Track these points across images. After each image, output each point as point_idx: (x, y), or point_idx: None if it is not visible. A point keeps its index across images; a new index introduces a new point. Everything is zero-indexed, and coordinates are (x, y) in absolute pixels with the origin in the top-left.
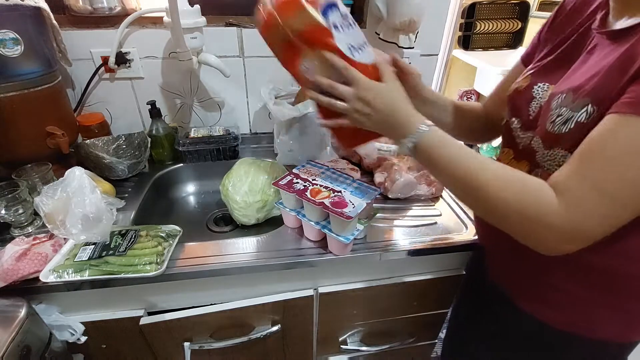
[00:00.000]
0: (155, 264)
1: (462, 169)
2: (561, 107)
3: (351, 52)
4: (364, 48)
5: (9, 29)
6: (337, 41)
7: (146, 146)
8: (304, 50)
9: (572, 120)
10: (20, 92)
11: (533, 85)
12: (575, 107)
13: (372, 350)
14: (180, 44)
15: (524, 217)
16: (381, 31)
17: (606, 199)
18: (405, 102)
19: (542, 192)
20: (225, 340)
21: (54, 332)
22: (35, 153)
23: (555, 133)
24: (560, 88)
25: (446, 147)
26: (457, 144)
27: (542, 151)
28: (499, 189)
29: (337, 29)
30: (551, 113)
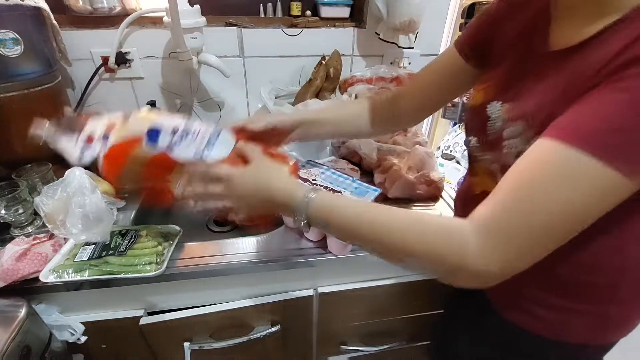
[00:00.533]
0: (155, 264)
1: (363, 228)
2: (513, 139)
3: (200, 156)
4: (214, 143)
5: (9, 29)
6: (180, 156)
7: None
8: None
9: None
10: (20, 92)
11: (487, 103)
12: (525, 141)
13: (372, 350)
14: (180, 44)
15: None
16: (381, 31)
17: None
18: (275, 176)
19: (452, 231)
20: (225, 340)
21: (54, 332)
22: (35, 153)
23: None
24: (513, 115)
25: (336, 211)
26: (349, 202)
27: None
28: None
29: (173, 148)
30: (504, 144)
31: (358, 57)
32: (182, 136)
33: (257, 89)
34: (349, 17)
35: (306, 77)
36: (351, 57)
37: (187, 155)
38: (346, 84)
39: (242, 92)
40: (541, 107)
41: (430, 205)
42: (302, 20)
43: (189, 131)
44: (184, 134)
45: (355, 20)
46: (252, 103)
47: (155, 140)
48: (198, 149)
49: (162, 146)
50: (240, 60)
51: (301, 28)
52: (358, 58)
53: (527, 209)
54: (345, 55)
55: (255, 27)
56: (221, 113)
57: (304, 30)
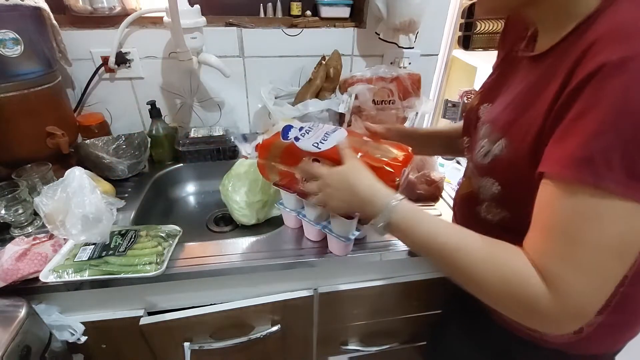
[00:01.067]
0: (155, 264)
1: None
2: (484, 139)
3: (317, 146)
4: (327, 137)
5: (9, 29)
6: (302, 146)
7: (146, 146)
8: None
9: (490, 153)
10: (20, 92)
11: (480, 105)
12: (492, 141)
13: (372, 350)
14: (180, 44)
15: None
16: (381, 31)
17: (589, 271)
18: (366, 178)
19: (530, 282)
20: (225, 340)
21: (54, 332)
22: (35, 153)
23: (480, 163)
24: (486, 116)
25: (419, 224)
26: (431, 218)
27: (476, 177)
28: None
29: (299, 139)
30: (477, 143)
31: (358, 57)
32: (306, 132)
33: (257, 89)
34: (349, 17)
35: (306, 77)
36: (351, 57)
37: (306, 145)
38: (346, 84)
39: (242, 92)
40: (506, 111)
41: (430, 205)
42: (302, 20)
43: (313, 128)
44: (308, 130)
45: (355, 20)
46: (252, 103)
47: (286, 134)
48: (315, 141)
49: (290, 138)
50: (240, 60)
51: (301, 28)
52: (358, 58)
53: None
54: (345, 55)
55: (255, 27)
56: (221, 113)
57: (304, 30)
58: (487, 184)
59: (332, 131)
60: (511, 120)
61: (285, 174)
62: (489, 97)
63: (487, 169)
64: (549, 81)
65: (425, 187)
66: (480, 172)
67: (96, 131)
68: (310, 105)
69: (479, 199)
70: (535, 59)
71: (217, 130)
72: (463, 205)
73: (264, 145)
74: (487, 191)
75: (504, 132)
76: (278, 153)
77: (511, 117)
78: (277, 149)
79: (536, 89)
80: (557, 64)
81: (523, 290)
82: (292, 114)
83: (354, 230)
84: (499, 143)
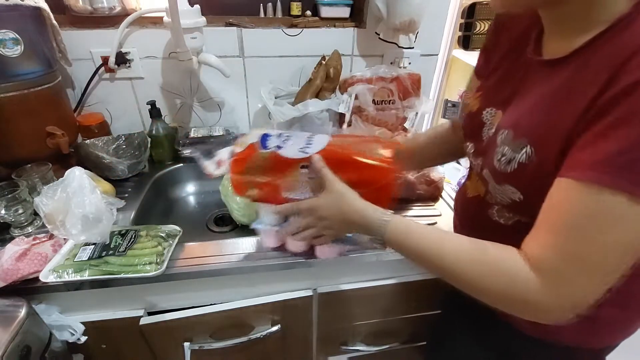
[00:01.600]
0: (155, 264)
1: (434, 258)
2: (504, 146)
3: (304, 151)
4: (312, 142)
5: (9, 29)
6: (287, 154)
7: (146, 146)
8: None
9: (514, 161)
10: (20, 92)
11: (482, 110)
12: (515, 148)
13: (372, 350)
14: (180, 44)
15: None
16: (381, 31)
17: (592, 270)
18: (355, 202)
19: (520, 277)
20: (225, 340)
21: (54, 332)
22: (35, 153)
23: (502, 171)
24: (504, 122)
25: (411, 237)
26: (422, 230)
27: (493, 183)
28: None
29: (281, 147)
30: (497, 150)
31: (358, 57)
32: (286, 139)
33: (257, 89)
34: (349, 17)
35: (306, 77)
36: (351, 57)
37: (292, 152)
38: (346, 84)
39: (242, 92)
40: (530, 116)
41: (430, 205)
42: (302, 20)
43: (292, 135)
44: (288, 138)
45: (355, 20)
46: (252, 103)
47: (266, 144)
48: (300, 147)
49: (272, 147)
50: (240, 60)
51: (301, 28)
52: (358, 58)
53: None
54: (345, 55)
55: (255, 27)
56: (221, 113)
57: (304, 30)
58: (506, 191)
59: (313, 136)
60: (538, 125)
61: (265, 185)
62: (493, 102)
63: (510, 176)
64: (580, 85)
65: (425, 187)
66: (499, 179)
67: (96, 131)
68: (310, 105)
69: (491, 203)
70: (554, 63)
71: (217, 130)
72: (470, 208)
73: (240, 159)
74: (505, 198)
75: (530, 138)
76: (259, 165)
77: (537, 122)
78: (258, 161)
79: (565, 93)
80: (587, 69)
81: (513, 285)
82: (292, 114)
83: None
84: (524, 150)
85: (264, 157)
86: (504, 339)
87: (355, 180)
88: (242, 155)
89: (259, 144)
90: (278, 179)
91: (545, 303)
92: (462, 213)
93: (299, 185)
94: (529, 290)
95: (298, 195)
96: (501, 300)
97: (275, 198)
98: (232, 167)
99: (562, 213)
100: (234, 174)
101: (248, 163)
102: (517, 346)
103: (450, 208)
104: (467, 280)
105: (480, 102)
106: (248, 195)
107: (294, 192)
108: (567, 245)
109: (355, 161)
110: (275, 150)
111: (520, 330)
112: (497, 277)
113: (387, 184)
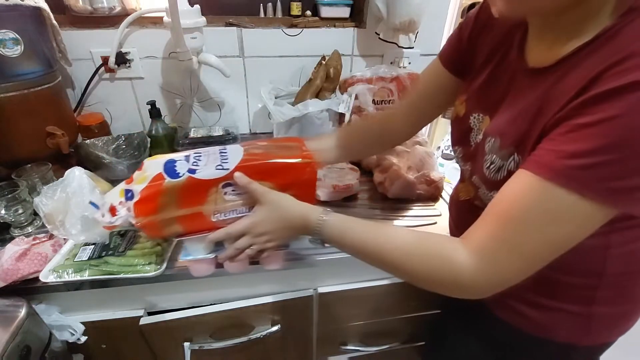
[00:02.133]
0: (154, 264)
1: (370, 249)
2: (492, 154)
3: (222, 168)
4: (226, 155)
5: (9, 29)
6: (205, 176)
7: (146, 146)
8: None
9: (503, 169)
10: (20, 92)
11: (469, 115)
12: (504, 156)
13: (372, 350)
14: (180, 44)
15: (443, 287)
16: (381, 31)
17: (523, 259)
18: (290, 207)
19: (454, 259)
20: (225, 340)
21: (54, 332)
22: (35, 153)
23: (491, 179)
24: (491, 129)
25: (348, 233)
26: (359, 225)
27: (483, 189)
28: (411, 267)
29: (195, 171)
30: (485, 158)
31: (358, 57)
32: (197, 161)
33: (257, 89)
34: (349, 17)
35: (306, 77)
36: (351, 57)
37: (210, 173)
38: (346, 84)
39: (242, 92)
40: (515, 124)
41: (430, 205)
42: (302, 20)
43: (200, 154)
44: (198, 158)
45: (355, 20)
46: (252, 103)
47: (174, 171)
48: (217, 164)
49: (183, 173)
50: (240, 60)
51: (301, 28)
52: (358, 58)
53: (516, 241)
54: (345, 55)
55: (255, 27)
56: (221, 113)
57: (304, 30)
58: None
59: (224, 149)
60: (523, 134)
61: (188, 218)
62: (479, 107)
63: (500, 184)
64: (559, 93)
65: (425, 187)
66: (490, 186)
67: (96, 131)
68: (310, 105)
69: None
70: (539, 72)
71: (217, 130)
72: (463, 210)
73: (149, 197)
74: None
75: (516, 147)
76: (173, 198)
77: (523, 130)
78: (170, 194)
79: (545, 102)
80: (568, 77)
81: (448, 269)
82: (292, 114)
83: None
84: (511, 158)
85: (176, 188)
86: (503, 337)
87: (281, 183)
88: (150, 193)
89: (163, 175)
90: (201, 205)
91: (476, 283)
92: (455, 216)
93: (226, 206)
94: (462, 272)
95: (228, 214)
96: (432, 283)
97: (202, 225)
98: (139, 210)
99: (514, 204)
100: (143, 216)
101: (160, 199)
102: (515, 344)
103: None
104: (402, 267)
105: (467, 107)
106: (169, 234)
107: (222, 213)
108: (510, 236)
109: (276, 165)
110: (189, 175)
111: (518, 328)
112: (433, 258)
113: (310, 178)
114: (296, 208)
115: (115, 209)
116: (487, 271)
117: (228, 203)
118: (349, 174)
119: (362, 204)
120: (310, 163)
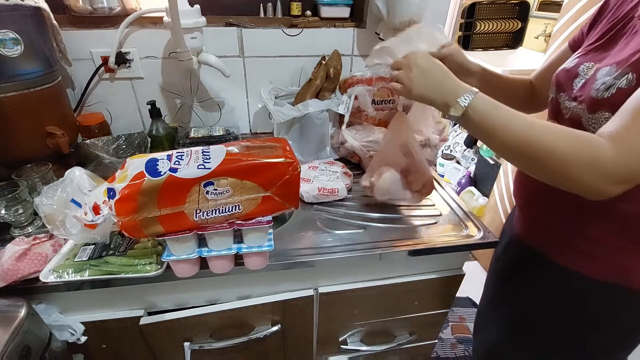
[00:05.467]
0: (155, 264)
1: (515, 129)
2: (605, 77)
3: (204, 167)
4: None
5: (9, 29)
6: (186, 174)
7: (146, 146)
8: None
9: (614, 87)
10: (20, 92)
11: (579, 65)
12: (618, 76)
13: (372, 350)
14: (180, 44)
15: (578, 163)
16: (381, 31)
17: None
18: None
19: (594, 140)
20: (225, 340)
21: (54, 332)
22: (35, 153)
23: (598, 98)
24: (605, 64)
25: (502, 107)
26: (505, 107)
27: (586, 116)
28: (552, 141)
29: (177, 170)
30: (596, 82)
31: (358, 57)
32: (179, 160)
33: (257, 89)
34: (349, 17)
35: (306, 77)
36: (351, 57)
37: (192, 172)
38: (346, 84)
39: (242, 92)
40: (632, 55)
41: (431, 205)
42: (302, 20)
43: (182, 153)
44: (179, 157)
45: (355, 20)
46: (252, 103)
47: (156, 169)
48: (199, 164)
49: (164, 172)
50: (240, 60)
51: (301, 28)
52: (358, 58)
53: None
54: (345, 55)
55: (255, 27)
56: (221, 113)
57: (304, 30)
58: (599, 118)
59: (207, 149)
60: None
61: (169, 217)
62: (592, 59)
63: (606, 101)
64: None
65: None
66: (595, 107)
67: (96, 131)
68: (310, 105)
69: None
70: None
71: (217, 130)
72: None
73: (128, 196)
74: (596, 126)
75: (633, 67)
76: (154, 197)
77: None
78: (151, 193)
79: None
80: None
81: (587, 145)
82: (292, 114)
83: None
84: (625, 77)
85: (157, 187)
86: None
87: (264, 183)
88: (130, 192)
89: (144, 173)
90: (182, 204)
91: (617, 165)
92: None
93: (208, 205)
94: (605, 153)
95: (210, 214)
96: (576, 167)
97: (184, 225)
98: (119, 209)
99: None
100: (123, 216)
101: (140, 198)
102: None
103: (450, 207)
104: (548, 147)
105: (578, 60)
106: (150, 234)
107: (204, 212)
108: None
109: (259, 164)
110: (171, 174)
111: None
112: (576, 140)
113: (293, 177)
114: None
115: (99, 208)
116: (628, 155)
117: (210, 202)
118: (342, 179)
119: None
120: (293, 163)
